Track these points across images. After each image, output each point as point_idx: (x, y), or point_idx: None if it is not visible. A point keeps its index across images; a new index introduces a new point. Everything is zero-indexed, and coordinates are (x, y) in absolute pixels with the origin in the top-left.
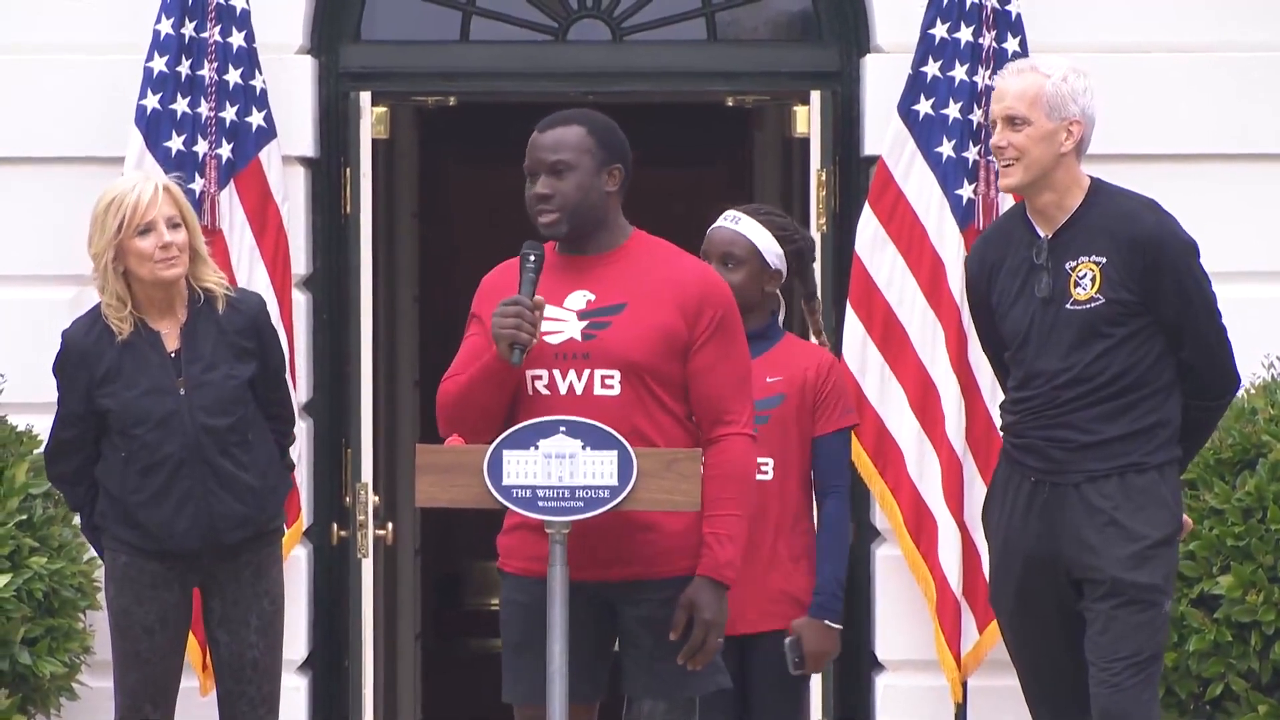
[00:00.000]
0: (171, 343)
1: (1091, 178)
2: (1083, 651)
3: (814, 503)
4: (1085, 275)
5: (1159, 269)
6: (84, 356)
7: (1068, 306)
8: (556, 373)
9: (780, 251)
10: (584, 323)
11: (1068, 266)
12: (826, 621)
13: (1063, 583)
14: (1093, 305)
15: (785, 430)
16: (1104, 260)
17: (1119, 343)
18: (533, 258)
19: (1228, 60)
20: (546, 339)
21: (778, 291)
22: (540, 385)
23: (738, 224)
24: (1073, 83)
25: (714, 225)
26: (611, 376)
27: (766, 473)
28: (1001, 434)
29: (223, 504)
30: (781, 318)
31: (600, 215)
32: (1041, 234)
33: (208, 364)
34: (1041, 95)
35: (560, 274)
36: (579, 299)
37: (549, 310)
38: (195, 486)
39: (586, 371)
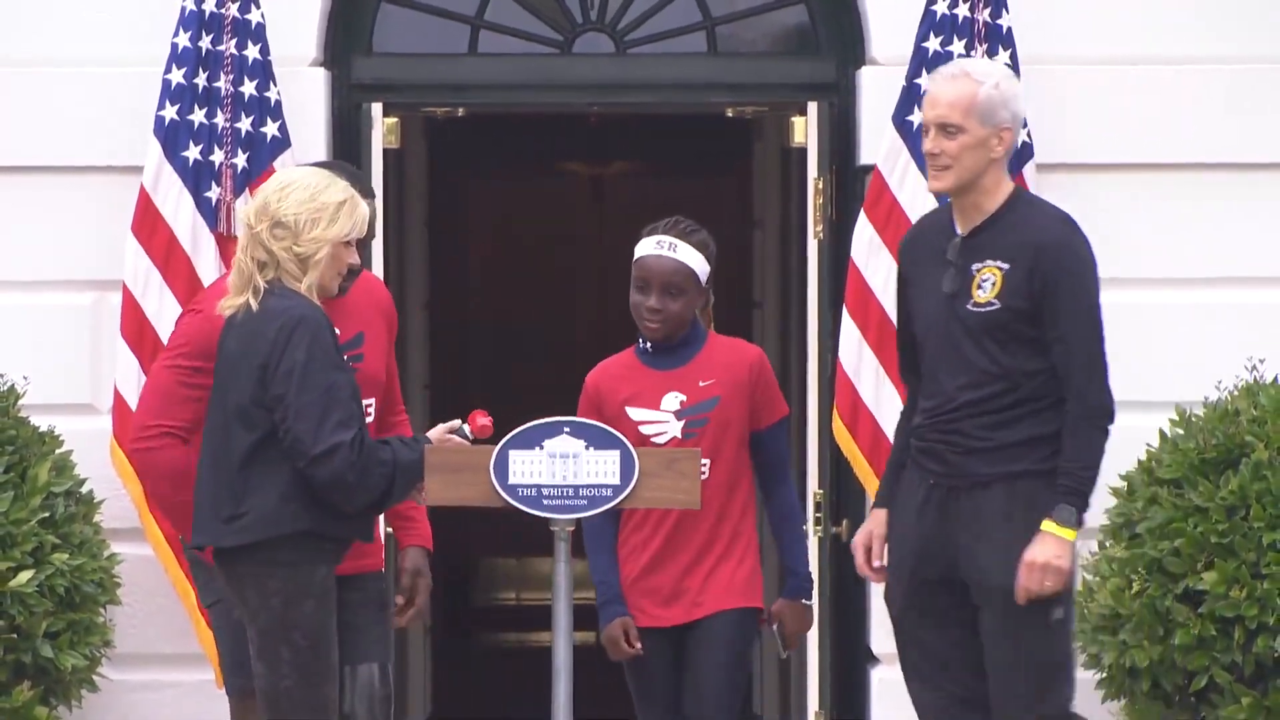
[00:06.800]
0: None
1: (1016, 186)
2: (971, 652)
3: (752, 495)
4: (988, 279)
5: (1050, 276)
6: (328, 322)
7: (967, 306)
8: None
9: (709, 271)
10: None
11: (973, 268)
12: (804, 601)
13: (956, 585)
14: (989, 310)
15: (723, 430)
16: (1007, 267)
17: (1014, 352)
18: None
19: (1214, 72)
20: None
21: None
22: None
23: (676, 251)
24: (1004, 89)
25: (648, 252)
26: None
27: (705, 472)
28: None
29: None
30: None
31: None
32: (959, 231)
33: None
34: (975, 103)
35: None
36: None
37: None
38: None
39: None
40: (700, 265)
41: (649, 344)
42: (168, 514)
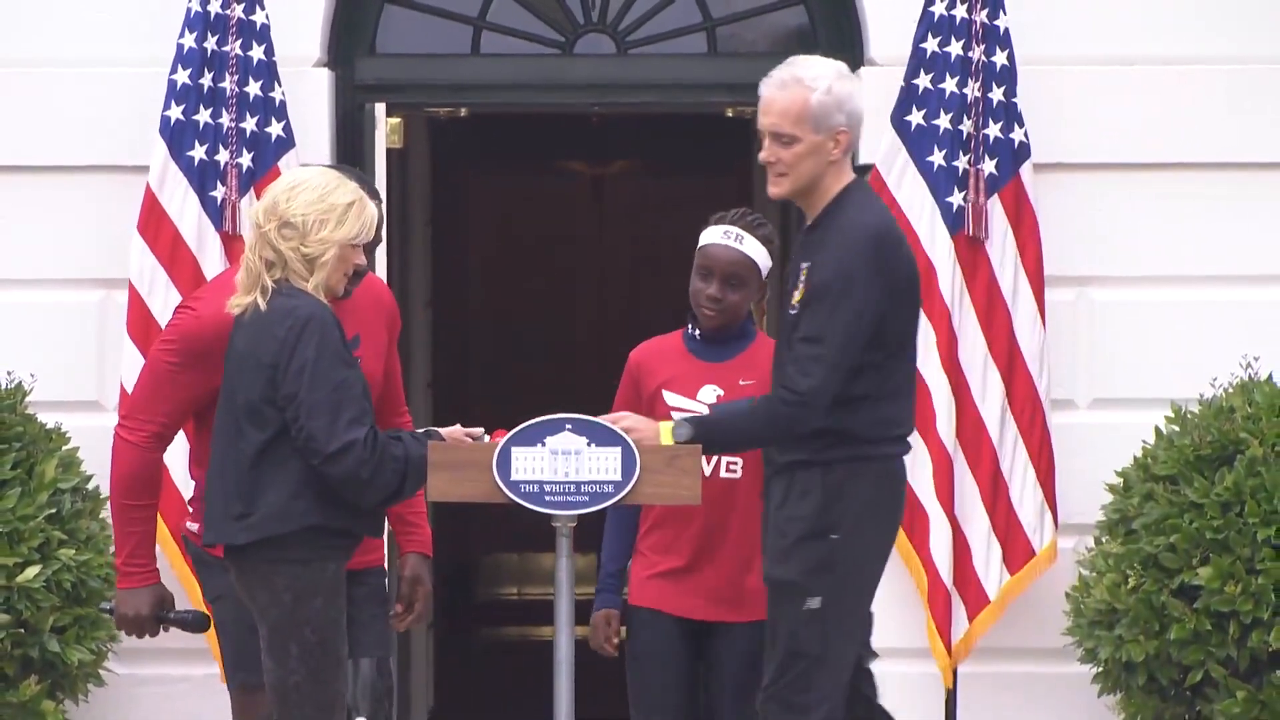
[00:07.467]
0: None
1: (852, 182)
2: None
3: None
4: (801, 281)
5: (815, 282)
6: (336, 320)
7: (789, 310)
8: None
9: (770, 266)
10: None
11: (802, 266)
12: None
13: None
14: (792, 313)
15: None
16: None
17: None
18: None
19: (1214, 72)
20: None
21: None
22: None
23: (741, 243)
24: (837, 91)
25: (714, 241)
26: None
27: (736, 471)
28: None
29: None
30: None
31: None
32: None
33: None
34: (807, 111)
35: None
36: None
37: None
38: None
39: None
40: (763, 259)
41: (698, 332)
42: (114, 509)
